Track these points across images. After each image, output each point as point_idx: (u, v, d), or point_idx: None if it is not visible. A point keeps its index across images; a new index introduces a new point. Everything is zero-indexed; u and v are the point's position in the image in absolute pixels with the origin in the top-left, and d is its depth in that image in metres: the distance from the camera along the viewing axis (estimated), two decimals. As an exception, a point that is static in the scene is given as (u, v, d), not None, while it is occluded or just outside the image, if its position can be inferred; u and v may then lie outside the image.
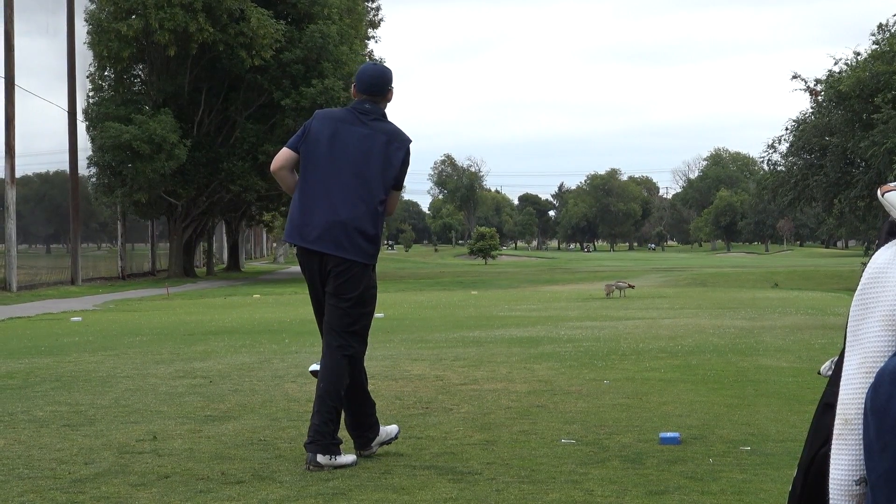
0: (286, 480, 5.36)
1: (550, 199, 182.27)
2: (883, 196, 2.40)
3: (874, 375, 2.20)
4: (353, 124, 5.96)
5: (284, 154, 5.99)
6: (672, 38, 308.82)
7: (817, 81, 34.29)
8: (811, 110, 35.08)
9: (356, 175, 5.86)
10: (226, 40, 42.37)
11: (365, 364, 6.08)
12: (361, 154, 5.88)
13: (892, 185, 2.42)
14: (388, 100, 6.08)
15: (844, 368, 2.35)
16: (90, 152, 43.19)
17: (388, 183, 5.92)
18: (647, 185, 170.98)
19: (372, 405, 6.10)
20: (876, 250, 2.41)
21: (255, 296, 32.01)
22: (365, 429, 6.02)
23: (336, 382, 5.80)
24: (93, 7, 42.72)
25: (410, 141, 6.05)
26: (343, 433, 5.99)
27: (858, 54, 33.15)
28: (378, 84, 6.01)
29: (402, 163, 5.98)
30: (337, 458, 5.67)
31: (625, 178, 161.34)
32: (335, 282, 5.85)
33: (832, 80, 32.63)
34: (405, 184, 6.38)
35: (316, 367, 6.01)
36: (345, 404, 6.00)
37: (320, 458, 5.61)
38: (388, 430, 6.11)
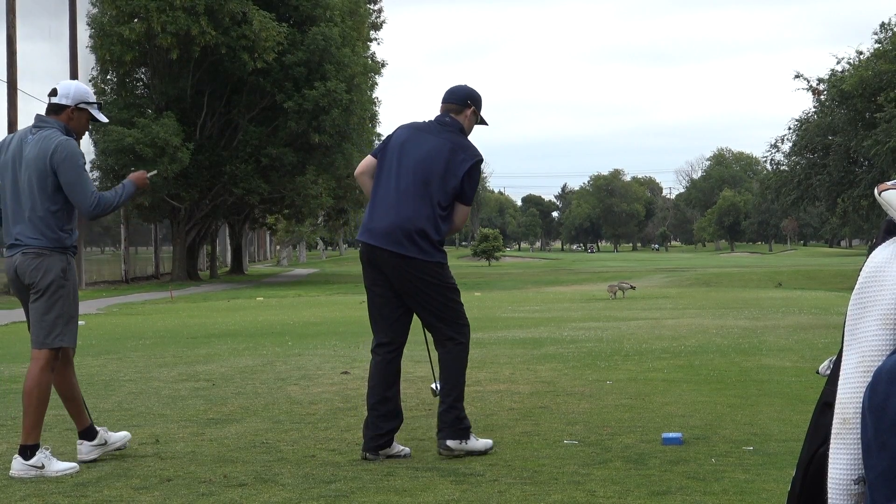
0: (288, 483, 5.36)
1: (554, 200, 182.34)
2: (880, 195, 2.39)
3: (872, 374, 2.20)
4: (428, 132, 6.17)
5: (365, 161, 6.29)
6: (674, 38, 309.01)
7: (820, 80, 34.29)
8: (814, 109, 35.05)
9: (419, 179, 6.03)
10: (228, 43, 42.35)
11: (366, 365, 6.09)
12: (427, 159, 6.06)
13: (889, 183, 2.41)
14: (468, 116, 6.27)
15: (842, 367, 2.34)
16: (93, 156, 43.21)
17: (448, 191, 6.05)
18: (651, 185, 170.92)
19: (399, 419, 6.10)
20: (874, 248, 2.40)
21: (258, 298, 32.01)
22: (382, 434, 5.98)
23: (455, 368, 6.02)
24: (95, 11, 42.75)
25: (481, 158, 6.19)
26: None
27: (861, 53, 33.14)
28: (456, 94, 6.27)
29: (468, 175, 6.10)
30: (467, 441, 5.82)
31: (628, 178, 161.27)
32: (402, 281, 5.99)
33: (835, 79, 32.63)
34: None
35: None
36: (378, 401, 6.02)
37: (450, 442, 5.81)
38: (402, 448, 6.11)
